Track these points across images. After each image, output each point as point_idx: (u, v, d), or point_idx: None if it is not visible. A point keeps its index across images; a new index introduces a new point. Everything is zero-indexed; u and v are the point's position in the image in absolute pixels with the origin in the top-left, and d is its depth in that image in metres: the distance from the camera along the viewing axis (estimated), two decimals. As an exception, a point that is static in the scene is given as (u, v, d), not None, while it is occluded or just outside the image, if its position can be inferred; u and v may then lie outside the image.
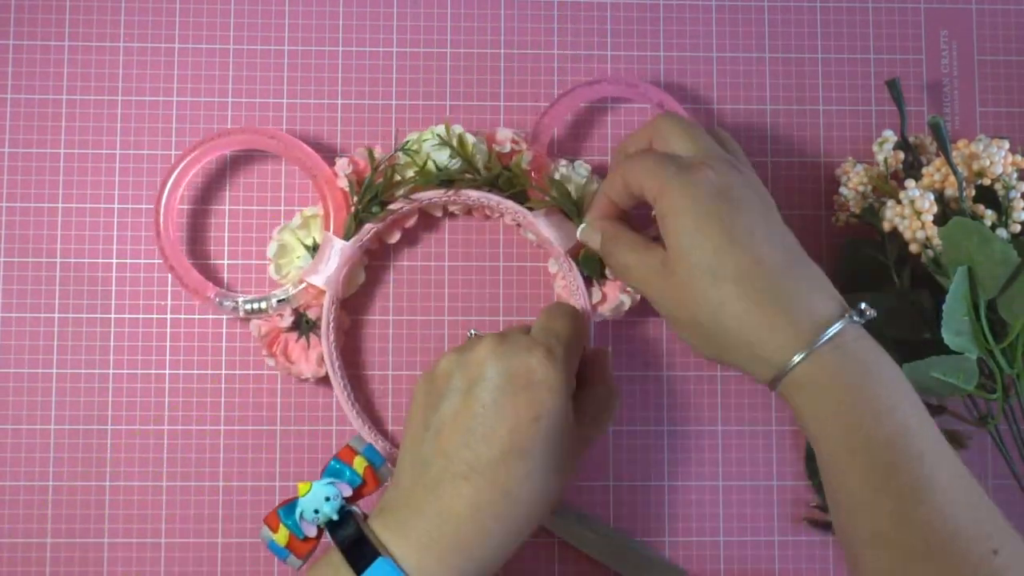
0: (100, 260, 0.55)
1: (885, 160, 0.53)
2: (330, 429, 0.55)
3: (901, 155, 0.54)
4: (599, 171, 0.56)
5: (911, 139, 0.55)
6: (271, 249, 0.54)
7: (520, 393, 0.44)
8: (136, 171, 0.56)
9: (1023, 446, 0.52)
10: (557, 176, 0.54)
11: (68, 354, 0.55)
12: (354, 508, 0.46)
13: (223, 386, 0.55)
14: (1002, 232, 0.50)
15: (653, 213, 0.47)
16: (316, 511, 0.45)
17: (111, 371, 0.55)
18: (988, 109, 0.59)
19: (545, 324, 0.48)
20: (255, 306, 0.53)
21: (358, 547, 0.43)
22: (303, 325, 0.53)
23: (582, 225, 0.52)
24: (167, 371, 0.55)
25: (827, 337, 0.43)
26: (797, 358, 0.43)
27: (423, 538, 0.43)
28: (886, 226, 0.51)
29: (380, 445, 0.53)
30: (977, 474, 0.56)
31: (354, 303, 0.56)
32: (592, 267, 0.54)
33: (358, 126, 0.57)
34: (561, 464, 0.45)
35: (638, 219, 0.52)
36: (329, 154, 0.55)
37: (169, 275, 0.55)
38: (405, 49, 0.57)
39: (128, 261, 0.55)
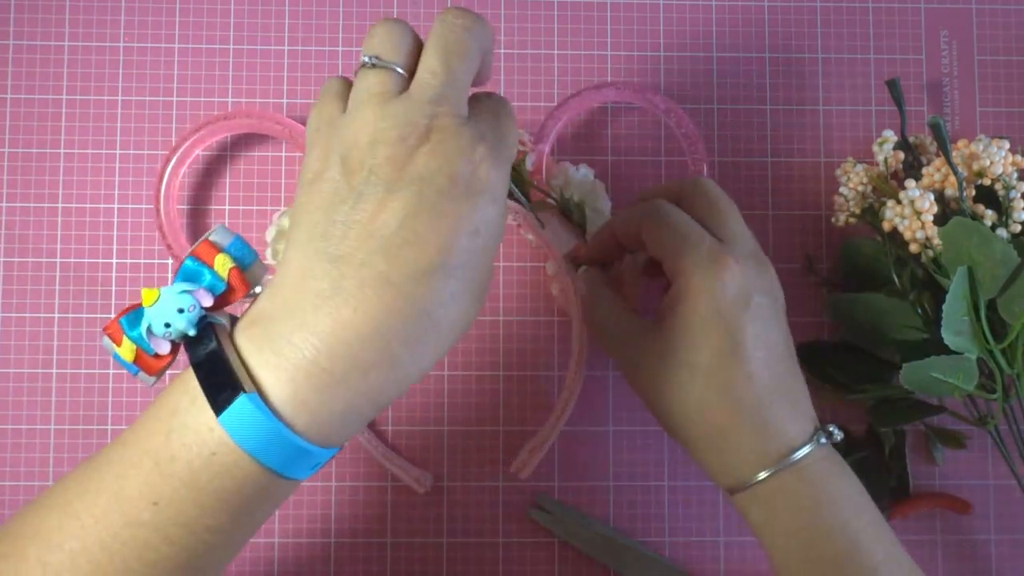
0: (100, 260, 0.55)
1: (885, 160, 0.53)
2: (330, 429, 0.55)
3: (901, 155, 0.54)
4: (603, 175, 0.56)
5: (911, 139, 0.55)
6: (270, 234, 0.54)
7: (461, 200, 0.36)
8: (136, 171, 0.56)
9: (1023, 446, 0.52)
10: (560, 179, 0.54)
11: (68, 354, 0.55)
12: (217, 319, 0.37)
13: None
14: (1002, 232, 0.50)
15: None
16: (167, 325, 0.36)
17: (111, 371, 0.55)
18: (988, 109, 0.59)
19: (490, 119, 0.39)
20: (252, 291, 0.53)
21: (217, 372, 0.35)
22: None
23: (582, 268, 0.52)
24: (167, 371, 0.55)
25: (791, 462, 0.44)
26: (760, 476, 0.44)
27: (304, 361, 0.34)
28: (886, 226, 0.51)
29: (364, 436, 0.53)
30: (977, 474, 0.56)
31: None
32: None
33: (358, 126, 0.56)
34: (484, 287, 0.38)
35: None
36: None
37: (169, 274, 0.55)
38: (405, 49, 0.57)
39: (128, 261, 0.55)
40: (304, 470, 0.36)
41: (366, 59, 0.38)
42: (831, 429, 0.45)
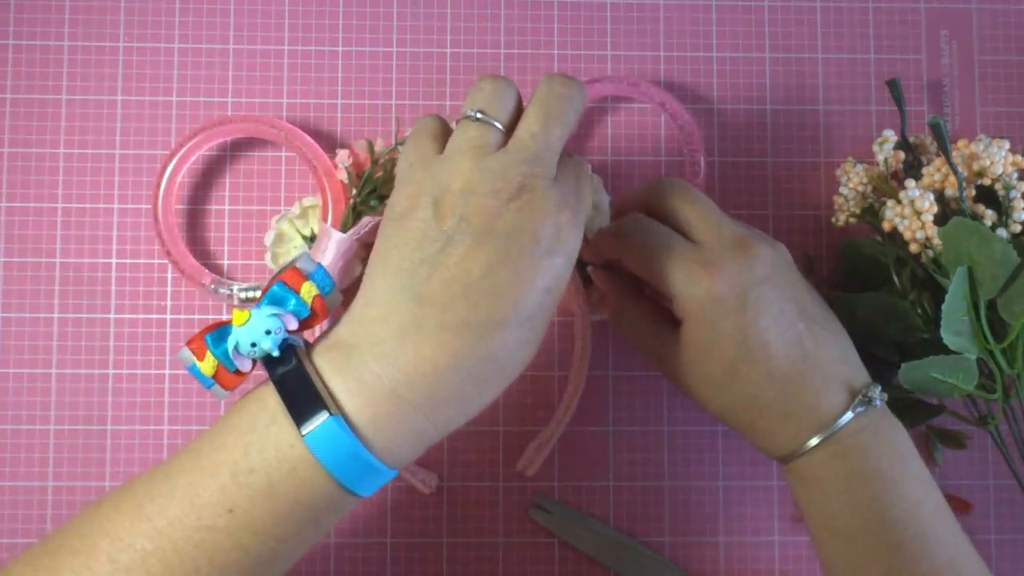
0: (100, 260, 0.55)
1: (885, 160, 0.53)
2: (330, 429, 0.55)
3: (901, 155, 0.54)
4: (599, 171, 0.56)
5: (911, 139, 0.55)
6: (269, 238, 0.54)
7: (541, 259, 0.39)
8: (136, 171, 0.56)
9: (1023, 446, 0.52)
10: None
11: (68, 354, 0.55)
12: (296, 341, 0.39)
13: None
14: (1002, 232, 0.49)
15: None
16: (253, 344, 0.38)
17: (111, 371, 0.55)
18: (988, 109, 0.59)
19: (572, 182, 0.42)
20: (250, 294, 0.53)
21: (301, 393, 0.37)
22: None
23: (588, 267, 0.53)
24: (167, 371, 0.55)
25: (826, 435, 0.44)
26: (796, 454, 0.45)
27: (384, 389, 0.37)
28: (886, 226, 0.51)
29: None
30: (977, 474, 0.56)
31: (349, 297, 0.55)
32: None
33: (358, 126, 0.57)
34: (544, 332, 0.41)
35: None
36: (329, 153, 0.55)
37: (169, 274, 0.55)
38: (405, 49, 0.57)
39: (128, 261, 0.55)
40: (372, 487, 0.38)
41: (471, 112, 0.41)
42: (870, 395, 0.45)
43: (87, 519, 0.38)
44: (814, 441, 0.45)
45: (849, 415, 0.44)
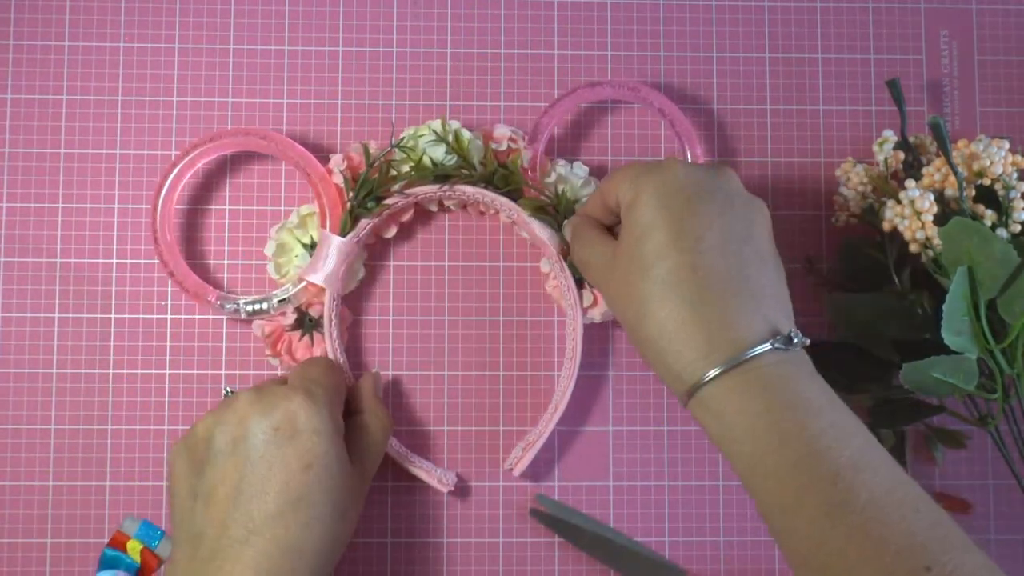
0: (100, 260, 0.55)
1: (885, 160, 0.53)
2: (330, 429, 0.55)
3: (901, 155, 0.54)
4: (598, 172, 0.56)
5: (911, 139, 0.55)
6: (269, 248, 0.54)
7: (286, 444, 0.44)
8: (136, 171, 0.56)
9: (1023, 446, 0.52)
10: (554, 176, 0.54)
11: (68, 354, 0.55)
12: None
13: (224, 386, 0.55)
14: (1002, 232, 0.49)
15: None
16: None
17: (111, 371, 0.55)
18: (988, 109, 0.59)
19: (301, 372, 0.49)
20: (257, 307, 0.53)
21: None
22: (306, 323, 0.53)
23: (564, 223, 0.53)
24: (167, 371, 0.55)
25: (740, 360, 0.41)
26: (708, 376, 0.42)
27: None
28: (886, 226, 0.51)
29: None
30: (977, 474, 0.56)
31: (353, 300, 0.56)
32: None
33: (358, 126, 0.57)
34: (342, 508, 0.45)
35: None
36: (329, 154, 0.55)
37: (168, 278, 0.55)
38: (405, 49, 0.57)
39: (128, 261, 0.55)
40: None
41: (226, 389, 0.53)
42: (792, 335, 0.42)
43: None
44: (720, 369, 0.41)
45: (767, 346, 0.41)
